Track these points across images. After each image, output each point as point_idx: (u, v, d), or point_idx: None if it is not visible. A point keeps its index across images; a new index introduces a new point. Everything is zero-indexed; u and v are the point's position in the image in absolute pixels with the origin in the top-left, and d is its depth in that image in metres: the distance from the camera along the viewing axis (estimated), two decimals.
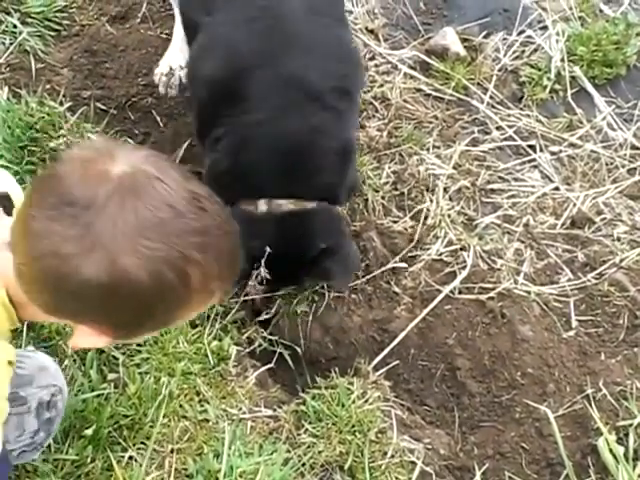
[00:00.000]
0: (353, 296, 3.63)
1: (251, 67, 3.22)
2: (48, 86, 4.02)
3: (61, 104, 3.79)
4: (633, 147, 4.33)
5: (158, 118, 4.07)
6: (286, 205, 3.24)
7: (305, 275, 3.43)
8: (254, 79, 3.21)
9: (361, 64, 3.72)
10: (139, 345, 3.21)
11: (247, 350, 3.39)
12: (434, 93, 4.44)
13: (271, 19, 3.28)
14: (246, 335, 3.42)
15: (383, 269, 3.71)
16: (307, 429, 3.09)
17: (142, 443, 2.92)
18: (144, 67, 4.23)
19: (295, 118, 3.23)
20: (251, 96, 3.21)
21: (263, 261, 3.19)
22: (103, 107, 4.01)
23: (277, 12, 3.30)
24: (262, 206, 3.24)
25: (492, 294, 3.63)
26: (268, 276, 3.19)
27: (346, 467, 3.01)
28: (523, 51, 4.65)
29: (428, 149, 4.16)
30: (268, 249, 3.16)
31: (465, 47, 4.61)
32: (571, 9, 4.73)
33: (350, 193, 3.63)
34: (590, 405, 3.30)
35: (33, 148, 3.59)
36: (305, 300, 3.53)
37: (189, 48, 3.64)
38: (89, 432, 2.85)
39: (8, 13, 4.15)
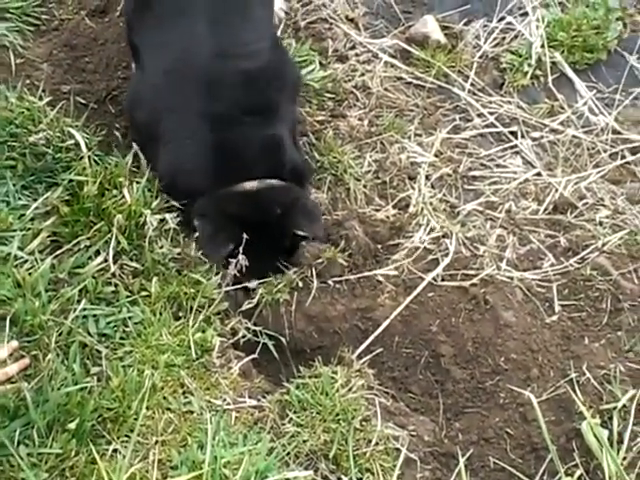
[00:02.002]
0: (337, 285, 3.63)
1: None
2: (27, 81, 4.01)
3: (41, 99, 3.78)
4: (614, 132, 4.33)
5: None
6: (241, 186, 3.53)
7: (279, 244, 3.60)
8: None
9: (286, 77, 3.88)
10: (122, 338, 3.21)
11: (231, 341, 3.38)
12: (415, 81, 4.45)
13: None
14: (229, 326, 3.41)
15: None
16: (291, 418, 3.09)
17: (126, 436, 2.91)
18: (124, 60, 4.22)
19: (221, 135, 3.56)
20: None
21: (241, 249, 3.29)
22: (83, 101, 4.01)
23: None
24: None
25: (475, 280, 3.63)
26: (247, 263, 3.24)
27: (331, 456, 3.00)
28: (503, 38, 4.66)
29: (409, 137, 4.17)
30: (245, 236, 3.32)
31: (445, 35, 4.63)
32: None
33: (302, 175, 3.78)
34: (574, 389, 3.30)
35: (13, 143, 3.58)
36: (287, 288, 3.52)
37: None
38: (72, 426, 2.84)
39: None
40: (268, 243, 3.55)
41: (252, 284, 3.51)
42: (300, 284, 3.56)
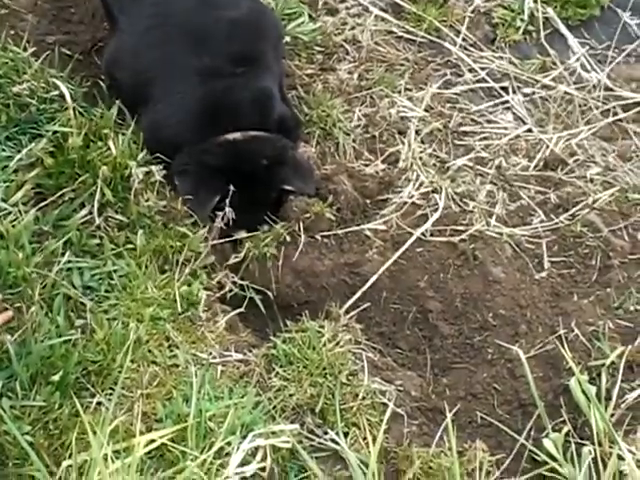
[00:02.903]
0: (324, 240, 3.60)
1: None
2: (12, 32, 3.95)
3: (25, 49, 3.71)
4: (607, 89, 4.30)
5: None
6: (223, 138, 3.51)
7: (265, 197, 3.58)
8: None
9: (268, 26, 3.86)
10: (107, 291, 3.18)
11: (217, 295, 3.35)
12: (406, 35, 4.41)
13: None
14: (216, 280, 3.38)
15: None
16: (278, 372, 3.06)
17: (110, 389, 2.88)
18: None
19: (207, 87, 3.54)
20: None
21: (228, 201, 3.29)
22: (68, 52, 3.94)
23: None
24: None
25: (464, 236, 3.61)
26: (233, 216, 3.21)
27: (317, 410, 2.98)
28: None
29: (400, 92, 4.13)
30: (232, 187, 3.32)
31: None
32: None
33: (291, 128, 3.75)
34: (562, 345, 3.28)
35: None
36: (274, 242, 3.49)
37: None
38: (56, 378, 2.81)
39: None
40: (254, 195, 3.52)
41: (239, 235, 3.49)
42: (288, 238, 3.53)
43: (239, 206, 3.38)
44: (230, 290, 3.41)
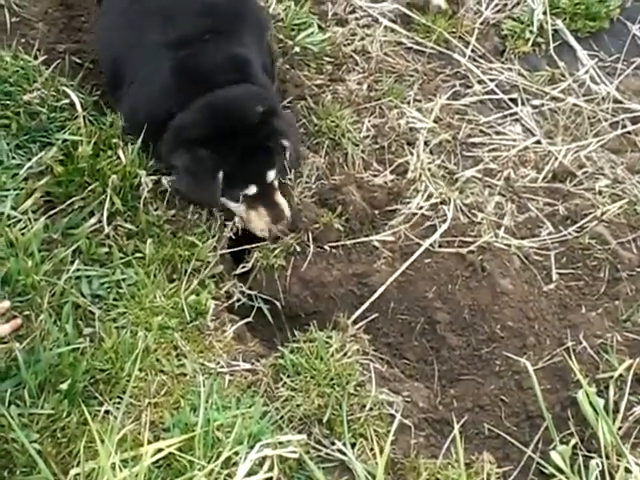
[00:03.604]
0: (333, 250, 3.60)
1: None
2: (23, 40, 3.96)
3: (36, 58, 3.74)
4: (615, 101, 4.30)
5: None
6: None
7: (265, 141, 3.48)
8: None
9: (246, 12, 3.79)
10: (115, 300, 3.20)
11: (225, 304, 3.37)
12: (415, 46, 4.41)
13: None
14: (224, 289, 3.39)
15: None
16: (285, 383, 3.07)
17: (118, 397, 2.90)
18: None
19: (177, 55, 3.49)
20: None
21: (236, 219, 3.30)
22: (78, 61, 3.95)
23: None
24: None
25: (472, 247, 3.62)
26: (241, 225, 3.20)
27: (324, 420, 2.99)
28: (505, 4, 4.62)
29: (409, 102, 4.14)
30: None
31: (447, 0, 4.57)
32: None
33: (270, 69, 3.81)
34: (570, 358, 3.28)
35: (7, 102, 3.54)
36: (283, 253, 3.49)
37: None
38: (64, 386, 2.83)
39: None
40: (254, 144, 3.45)
41: (251, 190, 3.45)
42: (297, 248, 3.54)
43: (242, 160, 3.37)
44: (238, 300, 3.42)
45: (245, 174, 3.43)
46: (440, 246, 3.63)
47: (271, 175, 3.49)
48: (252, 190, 3.45)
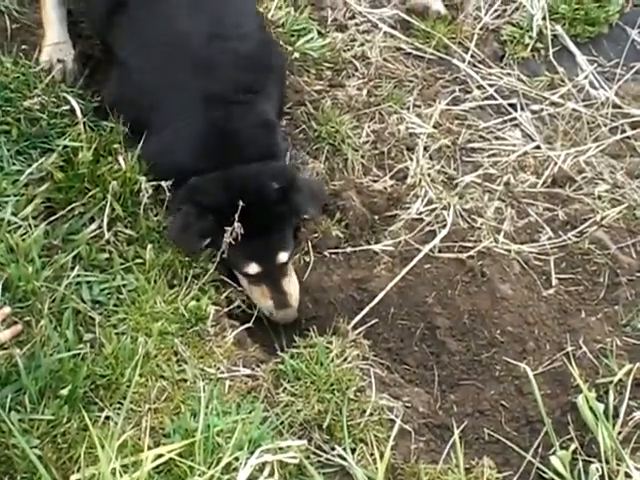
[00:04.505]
0: (332, 255, 3.61)
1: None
2: (23, 46, 3.95)
3: (37, 63, 3.74)
4: (615, 106, 4.31)
5: None
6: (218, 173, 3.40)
7: (281, 221, 3.44)
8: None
9: (274, 66, 3.76)
10: (116, 305, 3.20)
11: (225, 310, 3.36)
12: (414, 52, 4.43)
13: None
14: (224, 295, 3.39)
15: None
16: (286, 388, 3.07)
17: (118, 403, 2.90)
18: None
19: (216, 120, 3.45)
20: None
21: (237, 216, 3.20)
22: (79, 67, 3.95)
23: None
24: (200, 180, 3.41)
25: (472, 253, 3.63)
26: (242, 231, 3.19)
27: (325, 426, 2.99)
28: (505, 10, 4.64)
29: (408, 108, 4.15)
30: (240, 202, 3.22)
31: (446, 5, 4.60)
32: None
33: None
34: (570, 363, 3.28)
35: (7, 108, 3.54)
36: None
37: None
38: (65, 392, 2.83)
39: None
40: (268, 225, 3.40)
41: (252, 269, 3.39)
42: (296, 255, 3.54)
43: (248, 237, 3.24)
44: (238, 305, 3.42)
45: (248, 252, 3.35)
46: (440, 251, 3.64)
47: (282, 257, 3.41)
48: (254, 269, 3.38)
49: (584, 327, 3.48)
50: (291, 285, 3.45)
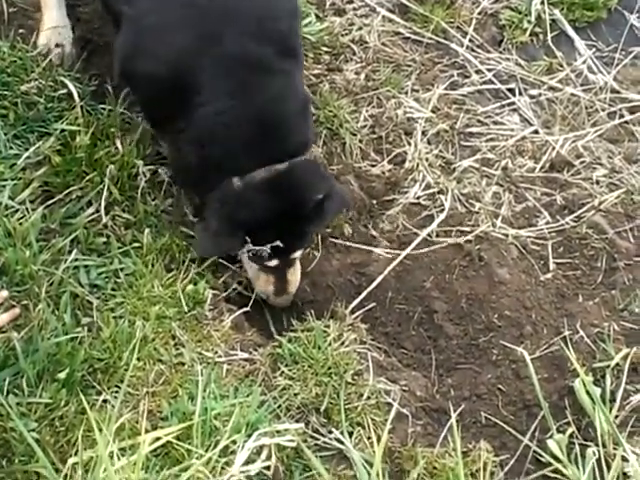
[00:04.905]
0: (331, 239, 3.61)
1: (191, 58, 3.14)
2: (21, 30, 3.94)
3: (34, 47, 3.73)
4: (613, 91, 4.31)
5: None
6: (259, 174, 3.16)
7: (311, 227, 3.34)
8: (197, 70, 3.13)
9: (295, 13, 3.48)
10: (113, 289, 3.20)
11: (223, 294, 3.36)
12: (413, 36, 4.41)
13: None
14: (222, 279, 3.39)
15: None
16: (283, 372, 3.07)
17: (116, 386, 2.90)
18: None
19: (251, 96, 3.15)
20: (201, 88, 3.13)
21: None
22: (77, 51, 3.94)
23: None
24: (237, 183, 3.18)
25: (470, 237, 3.63)
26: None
27: (322, 409, 3.00)
28: None
29: (406, 92, 4.14)
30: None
31: None
32: None
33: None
34: (567, 347, 3.28)
35: (4, 92, 3.54)
36: None
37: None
38: (62, 375, 2.83)
39: None
40: (299, 231, 3.30)
41: (272, 263, 3.30)
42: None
43: (279, 238, 3.17)
44: (235, 289, 3.42)
45: (276, 251, 3.23)
46: (438, 236, 3.64)
47: (297, 254, 3.36)
48: (273, 263, 3.31)
49: (581, 311, 3.48)
50: (295, 274, 3.41)
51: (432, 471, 2.93)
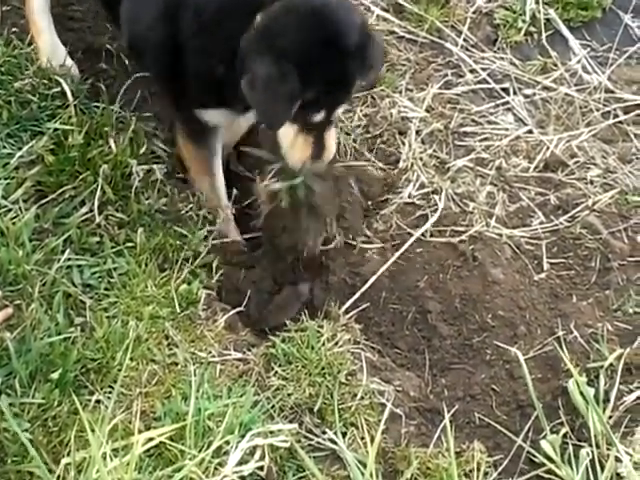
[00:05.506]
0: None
1: None
2: (14, 29, 3.94)
3: (29, 45, 3.74)
4: (607, 90, 4.31)
5: (127, 61, 4.00)
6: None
7: (355, 70, 3.13)
8: None
9: None
10: (106, 289, 3.19)
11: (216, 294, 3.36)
12: (407, 35, 4.42)
13: None
14: (215, 279, 3.38)
15: None
16: (277, 372, 3.07)
17: (109, 386, 2.89)
18: None
19: None
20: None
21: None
22: (70, 49, 3.93)
23: None
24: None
25: (464, 237, 3.63)
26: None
27: (316, 409, 2.99)
28: None
29: (401, 92, 4.15)
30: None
31: None
32: None
33: None
34: (561, 347, 3.28)
35: None
36: None
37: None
38: (55, 376, 2.82)
39: None
40: (341, 74, 3.12)
41: (319, 117, 3.14)
42: None
43: (325, 85, 3.04)
44: (229, 289, 3.41)
45: (323, 101, 3.11)
46: (432, 235, 3.64)
47: (340, 109, 3.26)
48: (319, 117, 3.16)
49: (575, 312, 3.48)
50: (333, 140, 3.28)
51: (426, 471, 2.93)
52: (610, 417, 3.11)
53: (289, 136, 3.21)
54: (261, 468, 2.73)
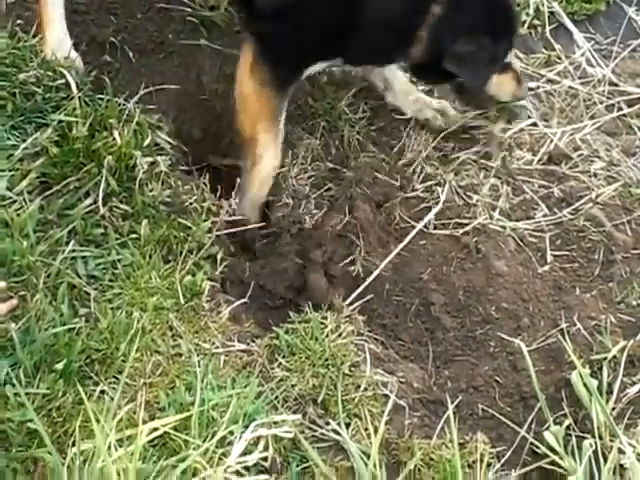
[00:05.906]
0: None
1: None
2: (19, 21, 3.93)
3: (34, 37, 3.74)
4: (611, 83, 4.31)
5: (130, 54, 4.02)
6: None
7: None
8: None
9: None
10: (111, 280, 3.19)
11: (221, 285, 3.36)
12: None
13: None
14: (220, 270, 3.39)
15: None
16: (280, 363, 3.07)
17: (114, 377, 2.90)
18: (117, 2, 4.17)
19: None
20: None
21: None
22: (75, 41, 3.93)
23: None
24: None
25: (467, 229, 3.64)
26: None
27: (319, 400, 3.00)
28: None
29: None
30: None
31: None
32: None
33: None
34: (564, 339, 3.29)
35: (3, 82, 3.53)
36: None
37: None
38: (60, 366, 2.83)
39: None
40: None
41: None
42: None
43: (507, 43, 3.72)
44: (233, 281, 3.42)
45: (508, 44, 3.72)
46: (435, 228, 3.65)
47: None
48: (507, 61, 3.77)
49: (579, 304, 3.49)
50: (517, 65, 3.95)
51: (429, 462, 2.93)
52: (613, 409, 3.11)
53: (495, 83, 3.76)
54: (265, 458, 2.74)
